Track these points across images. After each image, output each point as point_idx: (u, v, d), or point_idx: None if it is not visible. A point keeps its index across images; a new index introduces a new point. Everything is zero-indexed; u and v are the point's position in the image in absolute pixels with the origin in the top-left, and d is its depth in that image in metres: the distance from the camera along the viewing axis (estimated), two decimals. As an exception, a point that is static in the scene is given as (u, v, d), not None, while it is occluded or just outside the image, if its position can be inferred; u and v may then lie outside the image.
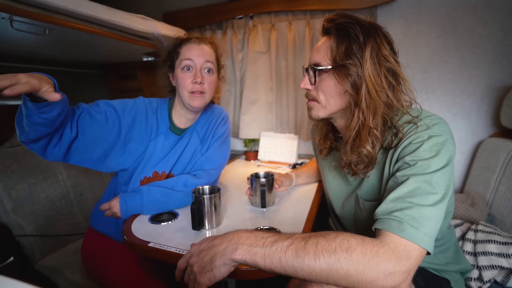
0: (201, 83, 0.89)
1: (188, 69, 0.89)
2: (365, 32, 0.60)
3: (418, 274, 0.70)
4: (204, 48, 0.91)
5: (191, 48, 0.90)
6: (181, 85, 0.89)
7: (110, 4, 1.13)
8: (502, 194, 1.11)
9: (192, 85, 0.88)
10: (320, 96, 0.68)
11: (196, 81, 0.88)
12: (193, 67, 0.89)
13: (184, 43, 0.91)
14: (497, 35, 1.28)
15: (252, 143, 1.76)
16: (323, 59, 0.65)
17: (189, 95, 0.89)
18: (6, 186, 1.11)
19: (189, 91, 0.89)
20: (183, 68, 0.89)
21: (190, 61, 0.88)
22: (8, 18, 0.85)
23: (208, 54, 0.91)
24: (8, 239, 1.08)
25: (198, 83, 0.88)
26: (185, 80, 0.89)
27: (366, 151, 0.62)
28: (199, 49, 0.90)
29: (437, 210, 0.51)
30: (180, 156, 0.95)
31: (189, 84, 0.88)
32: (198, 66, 0.89)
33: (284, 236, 0.53)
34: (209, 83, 0.91)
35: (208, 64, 0.91)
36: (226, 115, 1.09)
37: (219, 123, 1.04)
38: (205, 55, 0.90)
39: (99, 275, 0.92)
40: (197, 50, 0.90)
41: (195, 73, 0.89)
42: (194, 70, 0.89)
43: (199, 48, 0.90)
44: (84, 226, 1.35)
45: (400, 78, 0.63)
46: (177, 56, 0.91)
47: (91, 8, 1.01)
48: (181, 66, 0.89)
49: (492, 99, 1.33)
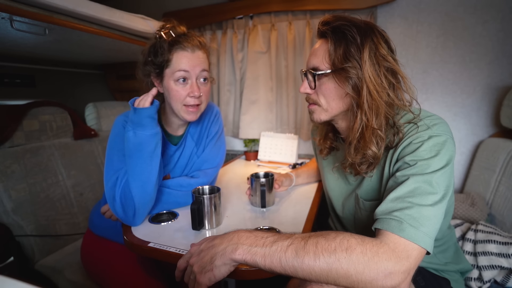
0: (199, 97, 0.82)
1: (183, 80, 0.80)
2: (362, 33, 0.60)
3: (418, 274, 0.70)
4: (199, 55, 0.81)
5: (185, 56, 0.79)
6: (175, 98, 0.80)
7: (110, 4, 1.14)
8: (502, 194, 1.11)
9: (189, 99, 0.80)
10: (321, 100, 0.68)
11: (194, 95, 0.80)
12: (189, 78, 0.80)
13: (175, 49, 0.79)
14: (497, 35, 1.28)
15: (252, 143, 1.76)
16: (322, 63, 0.65)
17: (184, 108, 0.82)
18: (6, 186, 1.11)
19: (185, 104, 0.81)
20: (177, 80, 0.80)
21: (186, 73, 0.79)
22: (8, 18, 0.86)
23: (203, 61, 0.82)
24: (8, 239, 1.08)
25: (196, 97, 0.81)
26: (180, 93, 0.80)
27: (371, 152, 0.62)
28: (194, 58, 0.80)
29: (437, 210, 0.51)
30: (177, 161, 0.94)
31: (184, 98, 0.80)
32: (194, 78, 0.80)
33: (284, 236, 0.53)
34: (205, 93, 0.84)
35: (204, 73, 0.82)
36: (217, 111, 1.03)
37: (212, 121, 1.00)
38: (200, 64, 0.81)
39: (99, 276, 0.92)
40: (192, 59, 0.80)
41: (191, 85, 0.80)
42: (190, 82, 0.81)
43: (194, 56, 0.80)
44: (84, 226, 1.35)
45: (399, 76, 0.63)
46: (168, 65, 0.80)
47: (91, 8, 1.01)
48: (175, 77, 0.79)
49: (492, 99, 1.33)
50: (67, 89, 1.74)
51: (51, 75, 1.65)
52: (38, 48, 1.24)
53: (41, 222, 1.19)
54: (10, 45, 1.14)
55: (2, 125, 1.17)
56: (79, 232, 1.32)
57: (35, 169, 1.23)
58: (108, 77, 1.99)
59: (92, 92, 1.96)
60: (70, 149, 1.40)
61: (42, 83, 1.60)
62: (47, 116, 1.35)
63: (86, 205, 1.40)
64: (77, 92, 1.81)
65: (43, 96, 1.59)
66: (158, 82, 0.85)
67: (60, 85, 1.70)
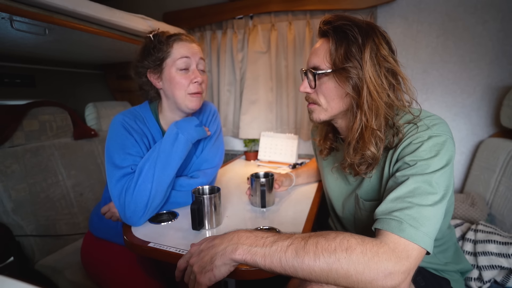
0: (201, 83, 0.85)
1: (184, 69, 0.83)
2: (363, 33, 0.60)
3: (418, 274, 0.71)
4: (196, 46, 0.86)
5: (185, 45, 0.83)
6: (178, 86, 0.82)
7: (110, 4, 1.14)
8: (502, 194, 1.11)
9: (192, 86, 0.83)
10: (320, 99, 0.68)
11: (197, 81, 0.83)
12: (190, 65, 0.83)
13: (175, 41, 0.83)
14: (497, 35, 1.28)
15: (252, 143, 1.76)
16: (322, 62, 0.65)
17: (188, 97, 0.84)
18: (6, 186, 1.11)
19: (188, 92, 0.83)
20: (179, 69, 0.82)
21: (188, 59, 0.82)
22: (8, 18, 0.86)
23: (200, 52, 0.87)
24: (8, 239, 1.08)
25: (199, 83, 0.84)
26: (183, 81, 0.82)
27: (370, 152, 0.62)
28: (193, 47, 0.85)
29: (436, 210, 0.51)
30: None
31: (187, 85, 0.83)
32: (194, 64, 0.84)
33: (284, 236, 0.53)
34: (205, 81, 0.88)
35: (202, 62, 0.86)
36: (215, 110, 1.04)
37: (210, 120, 1.01)
38: (199, 52, 0.86)
39: (99, 276, 0.92)
40: (191, 47, 0.84)
41: (193, 71, 0.84)
42: (191, 69, 0.84)
43: (192, 45, 0.85)
44: (84, 226, 1.35)
45: (400, 77, 0.63)
46: (168, 55, 0.83)
47: (91, 8, 1.01)
48: (177, 65, 0.82)
49: (492, 99, 1.33)
50: (67, 89, 1.74)
51: (51, 75, 1.65)
52: (38, 48, 1.24)
53: (41, 222, 1.19)
54: (10, 45, 1.14)
55: (2, 125, 1.17)
56: (79, 232, 1.32)
57: (35, 169, 1.23)
58: (108, 77, 1.99)
59: (92, 92, 1.96)
60: (70, 149, 1.40)
61: (42, 83, 1.60)
62: (47, 116, 1.35)
63: (86, 205, 1.40)
64: (77, 92, 1.81)
65: (43, 96, 1.59)
66: (156, 77, 0.85)
67: (60, 85, 1.70)
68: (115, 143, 0.80)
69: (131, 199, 0.75)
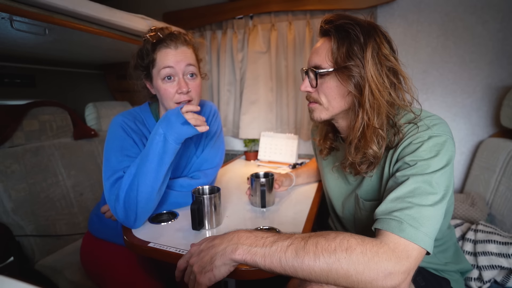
0: (188, 92, 0.81)
1: (169, 78, 0.80)
2: (365, 32, 0.60)
3: (418, 274, 0.71)
4: (184, 50, 0.81)
5: (167, 53, 0.79)
6: (165, 96, 0.81)
7: (110, 4, 1.13)
8: (502, 194, 1.11)
9: (178, 96, 0.80)
10: (322, 98, 0.68)
11: (182, 91, 0.80)
12: (175, 75, 0.80)
13: (158, 48, 0.80)
14: (497, 35, 1.28)
15: (252, 143, 1.76)
16: (324, 61, 0.65)
17: (175, 106, 0.81)
18: (6, 186, 1.11)
19: (176, 101, 0.81)
20: (164, 78, 0.80)
21: (171, 69, 0.79)
22: (8, 18, 0.85)
23: (189, 56, 0.82)
24: (8, 239, 1.08)
25: (185, 93, 0.81)
26: (169, 91, 0.80)
27: (372, 151, 0.62)
28: (177, 54, 0.80)
29: (436, 210, 0.51)
30: (177, 162, 0.93)
31: (174, 95, 0.80)
32: (180, 73, 0.80)
33: (284, 236, 0.53)
34: (195, 88, 0.83)
35: (190, 68, 0.82)
36: (215, 110, 1.02)
37: (210, 120, 0.99)
38: (185, 59, 0.81)
39: (99, 276, 0.92)
40: (175, 55, 0.79)
41: (178, 81, 0.80)
42: (177, 78, 0.81)
43: (178, 52, 0.80)
44: (84, 226, 1.35)
45: (401, 76, 0.63)
46: (153, 64, 0.81)
47: (91, 8, 1.01)
48: (161, 76, 0.79)
49: (492, 99, 1.33)
50: (67, 89, 1.74)
51: (51, 75, 1.65)
52: (38, 48, 1.24)
53: (41, 222, 1.19)
54: (10, 45, 1.14)
55: (2, 125, 1.17)
56: (79, 232, 1.32)
57: (35, 169, 1.23)
58: (108, 77, 1.99)
59: (92, 92, 1.96)
60: (70, 149, 1.40)
61: (42, 83, 1.60)
62: (47, 116, 1.35)
63: (86, 205, 1.40)
64: (77, 92, 1.81)
65: (43, 96, 1.59)
66: (149, 84, 0.86)
67: (60, 85, 1.70)
68: (114, 145, 0.80)
69: (123, 206, 0.73)
